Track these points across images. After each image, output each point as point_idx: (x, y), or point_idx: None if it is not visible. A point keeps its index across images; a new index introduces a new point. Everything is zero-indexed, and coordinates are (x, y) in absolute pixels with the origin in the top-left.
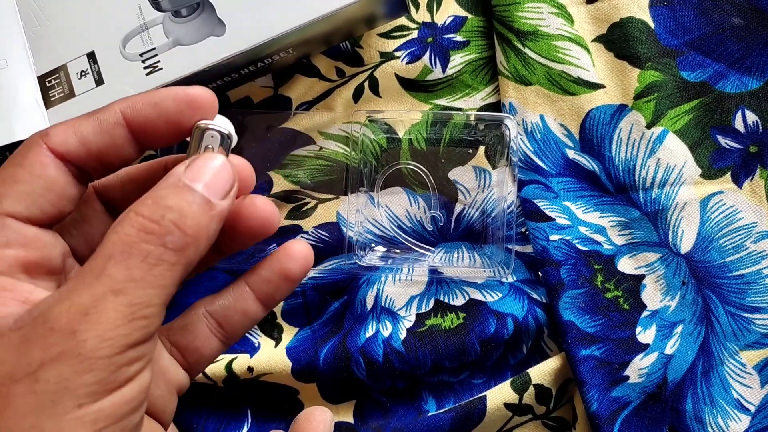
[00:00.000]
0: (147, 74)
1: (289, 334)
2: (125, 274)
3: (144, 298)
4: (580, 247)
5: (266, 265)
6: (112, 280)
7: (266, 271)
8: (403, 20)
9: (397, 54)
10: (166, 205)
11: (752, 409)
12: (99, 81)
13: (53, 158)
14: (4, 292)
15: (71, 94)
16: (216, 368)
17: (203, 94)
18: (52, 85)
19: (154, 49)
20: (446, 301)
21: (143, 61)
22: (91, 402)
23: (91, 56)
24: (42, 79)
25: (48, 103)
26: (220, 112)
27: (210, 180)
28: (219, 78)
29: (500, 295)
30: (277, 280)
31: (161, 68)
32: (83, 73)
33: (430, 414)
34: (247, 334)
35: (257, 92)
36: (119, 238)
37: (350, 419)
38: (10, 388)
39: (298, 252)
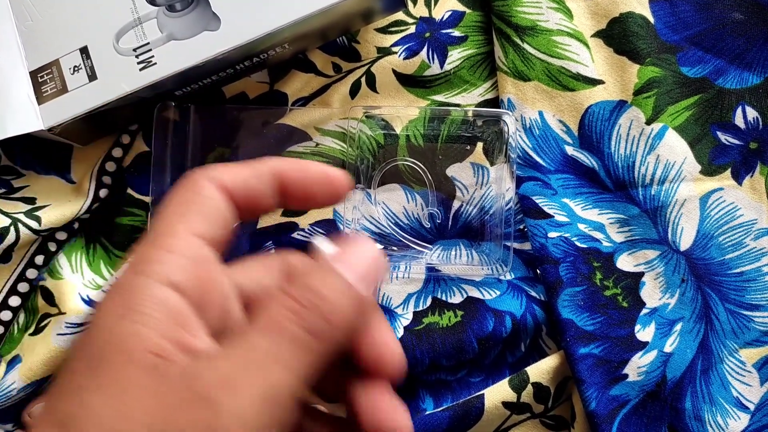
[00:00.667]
0: (141, 69)
1: None
2: (274, 356)
3: (285, 382)
4: (578, 244)
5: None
6: (260, 357)
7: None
8: (400, 15)
9: (395, 49)
10: (322, 295)
11: (752, 407)
12: (92, 76)
13: (215, 187)
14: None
15: (64, 89)
16: None
17: (339, 178)
18: (45, 81)
19: (148, 44)
20: (444, 298)
21: (137, 56)
22: None
23: (84, 51)
24: (34, 75)
25: (40, 98)
26: (214, 108)
27: (364, 272)
28: (214, 73)
29: (498, 292)
30: None
31: (155, 63)
32: (76, 69)
33: (427, 413)
34: None
35: (253, 88)
36: (275, 318)
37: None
38: None
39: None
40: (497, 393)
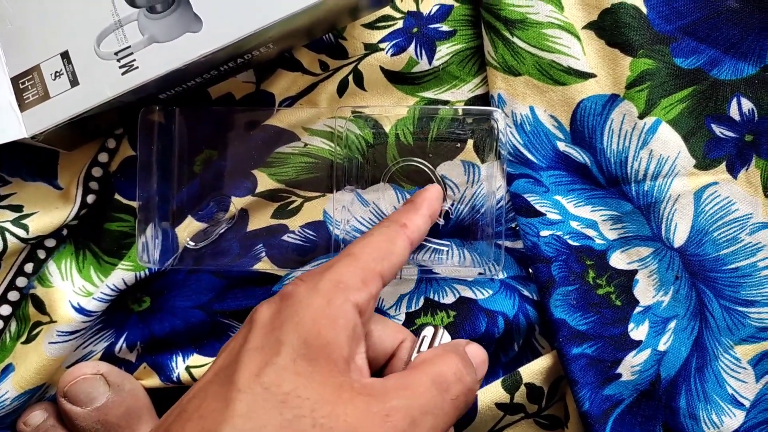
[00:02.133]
0: (123, 73)
1: None
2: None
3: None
4: (571, 242)
5: None
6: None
7: None
8: (387, 10)
9: (382, 45)
10: (462, 376)
11: (747, 404)
12: (74, 81)
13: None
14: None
15: (46, 95)
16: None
17: None
18: (26, 87)
19: (129, 47)
20: (436, 299)
21: (119, 60)
22: None
23: (65, 56)
24: (15, 81)
25: (22, 105)
26: (200, 110)
27: (481, 368)
28: (198, 75)
29: (491, 292)
30: None
31: (137, 67)
32: (57, 74)
33: None
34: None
35: (239, 88)
36: (443, 373)
37: None
38: None
39: None
40: (490, 394)
